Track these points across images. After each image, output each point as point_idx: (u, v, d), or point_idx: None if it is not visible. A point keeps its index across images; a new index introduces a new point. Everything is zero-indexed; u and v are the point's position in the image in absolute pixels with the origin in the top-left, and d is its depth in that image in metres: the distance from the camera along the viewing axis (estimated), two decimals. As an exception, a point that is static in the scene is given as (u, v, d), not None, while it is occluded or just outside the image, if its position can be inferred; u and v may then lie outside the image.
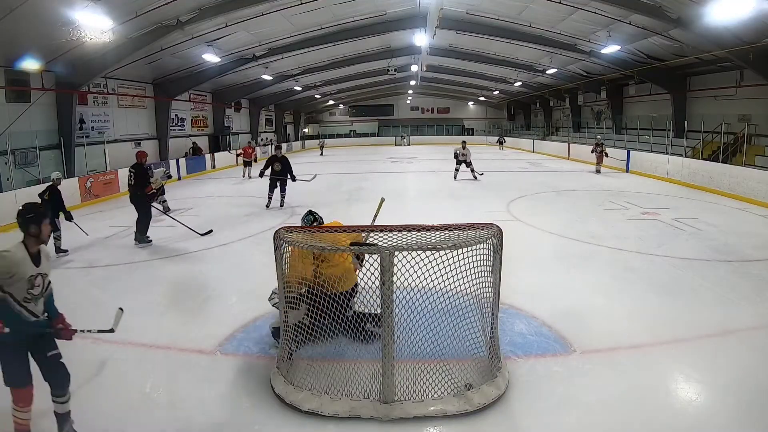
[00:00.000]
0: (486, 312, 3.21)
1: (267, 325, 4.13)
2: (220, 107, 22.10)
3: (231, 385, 3.26)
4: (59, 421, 2.66)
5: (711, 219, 8.27)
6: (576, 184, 13.22)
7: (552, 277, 5.41)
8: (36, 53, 10.41)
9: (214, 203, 11.38)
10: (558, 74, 20.74)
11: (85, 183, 11.71)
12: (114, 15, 9.33)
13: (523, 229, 7.68)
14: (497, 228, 3.15)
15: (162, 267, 6.15)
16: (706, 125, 13.78)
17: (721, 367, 3.41)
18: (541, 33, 14.96)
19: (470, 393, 2.96)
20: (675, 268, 5.61)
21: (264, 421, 2.89)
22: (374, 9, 14.06)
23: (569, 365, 3.44)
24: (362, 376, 3.05)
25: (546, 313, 4.27)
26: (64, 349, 2.72)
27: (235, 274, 5.71)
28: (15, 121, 10.64)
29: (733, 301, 4.63)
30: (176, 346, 3.85)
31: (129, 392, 3.21)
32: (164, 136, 17.12)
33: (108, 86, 14.54)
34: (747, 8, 8.82)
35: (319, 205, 10.36)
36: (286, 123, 33.60)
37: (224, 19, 11.76)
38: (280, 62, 17.96)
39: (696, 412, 2.93)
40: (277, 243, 3.19)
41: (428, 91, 34.67)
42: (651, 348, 3.66)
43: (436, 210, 9.64)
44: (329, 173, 16.83)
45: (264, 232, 7.59)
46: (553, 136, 27.20)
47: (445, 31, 15.69)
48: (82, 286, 5.48)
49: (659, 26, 11.71)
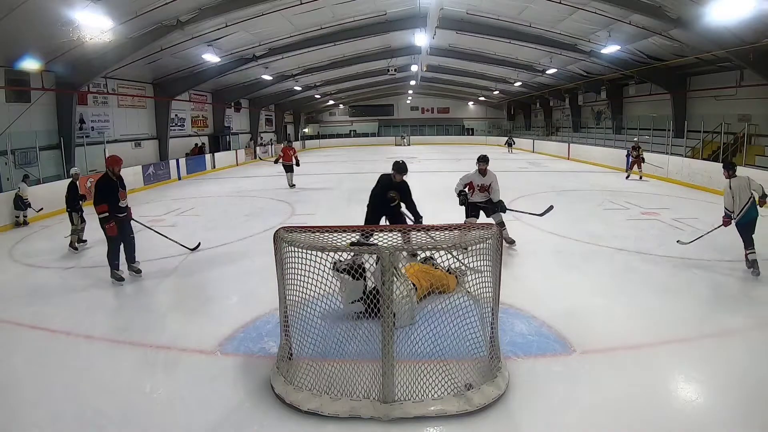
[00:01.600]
0: (486, 312, 3.21)
1: (267, 325, 4.13)
2: (220, 107, 22.09)
3: (231, 385, 3.26)
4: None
5: (711, 219, 8.25)
6: (576, 184, 13.21)
7: (552, 277, 5.41)
8: (36, 53, 10.41)
9: (214, 203, 11.38)
10: (558, 74, 20.74)
11: (85, 183, 11.69)
12: (114, 15, 9.33)
13: (523, 229, 7.67)
14: (497, 228, 3.16)
15: (162, 267, 6.14)
16: (706, 125, 13.78)
17: (720, 366, 3.41)
18: (541, 33, 14.96)
19: (470, 393, 2.96)
20: (675, 268, 5.61)
21: (264, 421, 2.88)
22: (374, 9, 14.05)
23: (569, 365, 3.44)
24: (362, 376, 3.04)
25: (546, 313, 4.27)
26: (64, 353, 2.71)
27: (235, 274, 5.71)
28: (15, 121, 10.64)
29: (733, 301, 4.63)
30: (176, 346, 3.85)
31: (129, 392, 3.21)
32: (164, 136, 17.11)
33: (108, 86, 14.54)
34: (747, 8, 8.83)
35: (319, 205, 10.38)
36: (286, 123, 33.59)
37: (224, 19, 11.75)
38: (280, 62, 17.95)
39: (696, 412, 2.93)
40: (277, 243, 3.19)
41: (428, 91, 34.67)
42: (651, 348, 3.65)
43: (436, 210, 9.61)
44: (329, 173, 16.85)
45: (264, 232, 7.59)
46: (553, 136, 27.20)
47: (445, 31, 15.69)
48: (82, 286, 5.48)
49: (659, 26, 11.71)
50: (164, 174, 15.90)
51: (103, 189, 5.45)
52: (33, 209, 9.34)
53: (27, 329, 4.28)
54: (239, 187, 14.29)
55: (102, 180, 5.53)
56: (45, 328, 4.26)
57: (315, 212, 9.47)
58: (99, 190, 5.47)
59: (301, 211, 9.70)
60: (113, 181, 5.54)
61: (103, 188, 5.46)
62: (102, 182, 5.51)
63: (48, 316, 4.50)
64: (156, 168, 15.51)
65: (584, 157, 19.77)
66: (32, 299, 5.06)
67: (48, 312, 4.63)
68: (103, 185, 5.48)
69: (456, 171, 16.24)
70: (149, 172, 14.93)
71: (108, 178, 5.53)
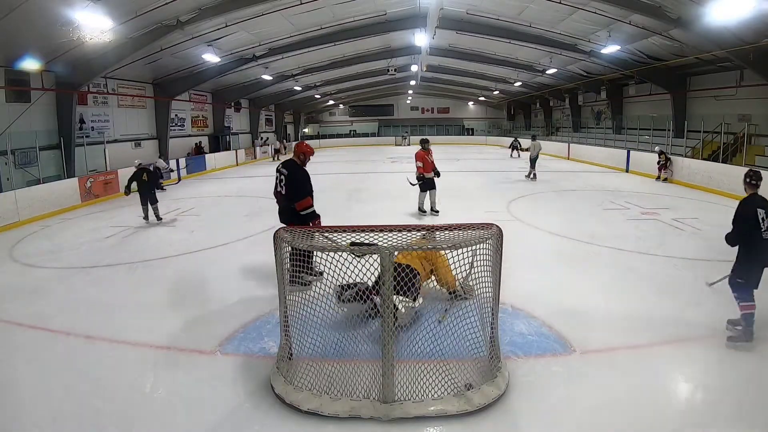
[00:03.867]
0: (486, 312, 3.21)
1: (267, 325, 4.13)
2: (220, 107, 22.10)
3: (231, 385, 3.26)
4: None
5: (711, 219, 8.27)
6: (576, 184, 13.21)
7: (552, 277, 5.41)
8: (36, 53, 10.41)
9: (214, 203, 11.38)
10: (558, 74, 20.74)
11: (85, 183, 11.71)
12: (114, 15, 9.33)
13: (523, 229, 7.68)
14: (497, 228, 3.16)
15: (162, 267, 6.14)
16: (706, 125, 13.77)
17: (720, 367, 3.41)
18: (541, 33, 14.96)
19: (470, 393, 2.96)
20: (675, 268, 5.61)
21: (264, 421, 2.88)
22: (374, 9, 14.05)
23: (569, 365, 3.44)
24: (362, 376, 3.04)
25: (546, 313, 4.27)
26: (64, 353, 2.71)
27: (235, 274, 5.71)
28: (15, 121, 10.64)
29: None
30: (176, 346, 3.85)
31: (129, 392, 3.21)
32: (164, 136, 17.11)
33: (108, 86, 14.54)
34: (747, 8, 8.83)
35: (319, 205, 10.36)
36: (286, 123, 33.60)
37: (224, 19, 11.75)
38: (280, 62, 17.96)
39: (696, 412, 2.93)
40: (277, 243, 3.19)
41: (428, 91, 34.66)
42: (651, 348, 3.65)
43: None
44: (330, 173, 16.83)
45: (264, 232, 7.59)
46: (553, 136, 27.20)
47: (445, 31, 15.70)
48: (82, 286, 5.49)
49: (659, 26, 11.71)
50: (164, 174, 15.86)
51: (310, 179, 4.90)
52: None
53: (27, 329, 4.28)
54: (239, 187, 14.29)
55: (304, 170, 4.97)
56: (45, 328, 4.26)
57: (315, 212, 9.46)
58: (307, 180, 4.93)
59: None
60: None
61: (309, 178, 4.92)
62: (305, 172, 4.95)
63: (48, 316, 4.50)
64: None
65: (584, 157, 19.76)
66: (32, 299, 5.06)
67: (48, 312, 4.63)
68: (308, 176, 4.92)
69: (456, 171, 16.28)
70: (149, 172, 14.90)
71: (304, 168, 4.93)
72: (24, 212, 9.45)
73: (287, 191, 4.92)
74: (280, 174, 5.00)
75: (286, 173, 4.94)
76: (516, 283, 4.84)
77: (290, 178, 4.90)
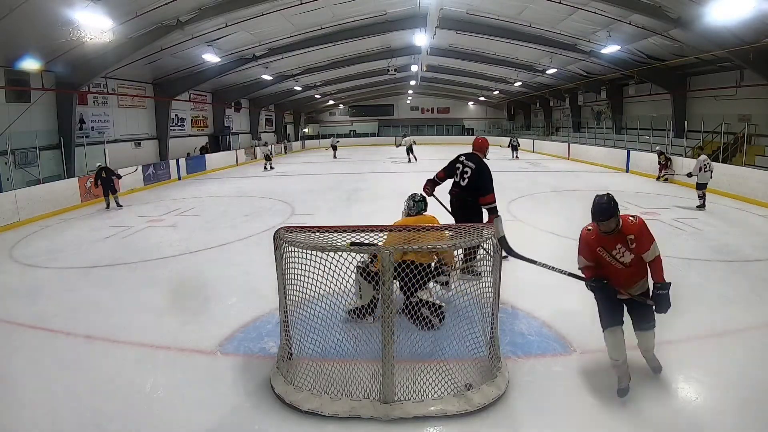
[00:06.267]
0: (486, 312, 3.21)
1: (267, 325, 4.13)
2: (220, 107, 22.10)
3: (231, 385, 3.26)
4: None
5: (711, 219, 8.27)
6: (576, 184, 13.21)
7: (552, 277, 5.37)
8: (36, 53, 10.41)
9: (214, 203, 11.38)
10: (558, 74, 20.75)
11: (85, 183, 11.70)
12: (114, 15, 9.34)
13: (523, 229, 7.68)
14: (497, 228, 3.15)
15: (162, 267, 6.14)
16: (706, 125, 13.77)
17: (721, 367, 3.41)
18: (541, 33, 14.96)
19: (470, 393, 2.96)
20: (675, 268, 5.60)
21: (264, 421, 2.88)
22: (374, 9, 14.06)
23: (569, 365, 3.44)
24: (362, 376, 3.04)
25: (546, 313, 4.27)
26: (64, 353, 2.71)
27: (235, 274, 5.71)
28: (15, 121, 10.64)
29: (733, 301, 4.62)
30: (176, 346, 3.84)
31: (129, 392, 3.21)
32: (164, 136, 17.12)
33: (108, 86, 14.55)
34: (747, 8, 8.83)
35: (319, 205, 10.38)
36: (286, 123, 33.60)
37: (224, 19, 11.76)
38: (280, 62, 17.97)
39: (696, 412, 2.93)
40: (277, 243, 3.19)
41: (428, 91, 34.67)
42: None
43: (437, 210, 9.62)
44: (329, 173, 16.84)
45: (264, 232, 7.59)
46: (553, 136, 27.19)
47: (445, 31, 15.70)
48: (82, 286, 5.48)
49: (659, 26, 11.71)
50: (164, 174, 15.89)
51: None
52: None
53: (27, 329, 4.27)
54: (239, 187, 14.29)
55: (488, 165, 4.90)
56: (45, 328, 4.26)
57: (315, 212, 9.47)
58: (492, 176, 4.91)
59: (301, 211, 9.70)
60: None
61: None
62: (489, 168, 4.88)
63: (48, 316, 4.50)
64: (156, 168, 15.50)
65: (584, 157, 19.75)
66: (32, 299, 5.06)
67: (48, 312, 4.63)
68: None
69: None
70: (149, 173, 14.92)
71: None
72: (24, 212, 9.45)
73: (471, 184, 4.96)
74: (463, 166, 5.00)
75: (473, 167, 4.96)
76: (516, 283, 4.83)
77: (478, 172, 4.92)
